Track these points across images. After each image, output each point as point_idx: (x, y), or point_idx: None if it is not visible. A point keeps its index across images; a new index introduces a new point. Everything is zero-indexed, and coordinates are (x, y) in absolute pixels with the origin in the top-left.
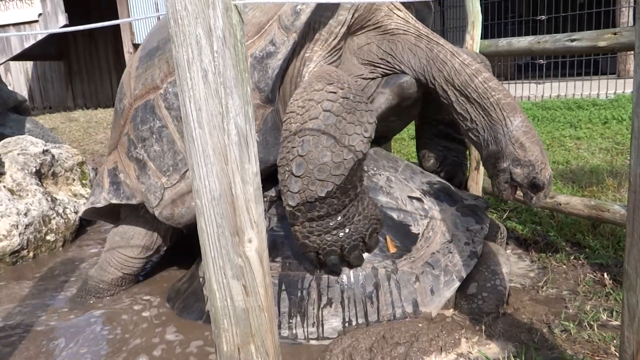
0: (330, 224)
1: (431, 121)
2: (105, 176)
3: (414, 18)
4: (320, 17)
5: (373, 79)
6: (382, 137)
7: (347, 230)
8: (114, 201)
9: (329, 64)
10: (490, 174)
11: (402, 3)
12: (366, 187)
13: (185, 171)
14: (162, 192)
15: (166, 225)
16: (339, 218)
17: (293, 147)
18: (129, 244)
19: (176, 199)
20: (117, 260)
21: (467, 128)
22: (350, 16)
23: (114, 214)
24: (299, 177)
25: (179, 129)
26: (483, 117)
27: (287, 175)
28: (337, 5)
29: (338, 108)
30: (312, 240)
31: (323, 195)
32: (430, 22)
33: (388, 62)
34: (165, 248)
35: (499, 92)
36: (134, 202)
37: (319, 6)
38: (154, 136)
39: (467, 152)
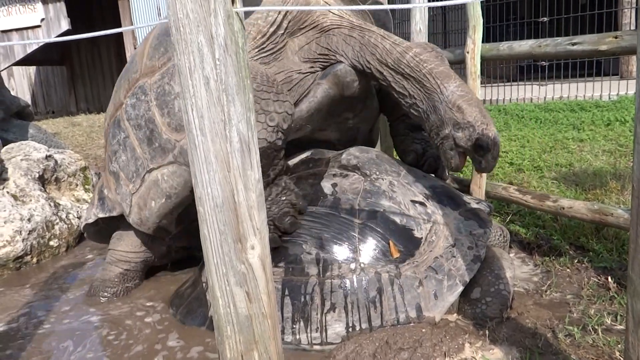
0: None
1: (399, 118)
2: (96, 194)
3: (348, 13)
4: (247, 16)
5: (312, 72)
6: (350, 141)
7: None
8: (100, 215)
9: (259, 60)
10: (436, 146)
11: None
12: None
13: (144, 174)
14: (130, 199)
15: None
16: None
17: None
18: (123, 240)
19: (140, 202)
20: (116, 256)
21: (408, 105)
22: (281, 17)
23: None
24: None
25: (137, 136)
26: (419, 90)
27: None
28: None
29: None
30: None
31: None
32: (390, 26)
33: (325, 55)
34: (163, 249)
35: (431, 63)
36: (114, 213)
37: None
38: (121, 147)
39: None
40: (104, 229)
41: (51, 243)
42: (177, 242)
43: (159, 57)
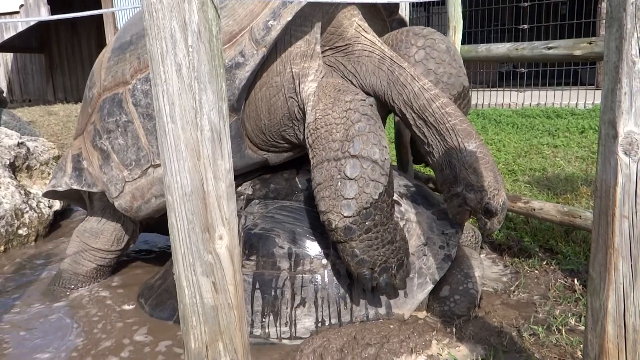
0: (385, 235)
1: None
2: (69, 161)
3: (380, 40)
4: (296, 32)
5: None
6: None
7: (394, 247)
8: (75, 187)
9: (325, 77)
10: (445, 198)
11: (379, 24)
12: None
13: (148, 167)
14: (122, 185)
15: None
16: (389, 228)
17: (343, 152)
18: (100, 238)
19: (136, 193)
20: (90, 254)
21: (425, 151)
22: (319, 35)
23: (76, 197)
24: (354, 179)
25: (144, 125)
26: (439, 142)
27: (339, 184)
28: (309, 20)
29: (371, 112)
30: (370, 255)
31: (377, 197)
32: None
33: (352, 82)
34: (136, 240)
35: (455, 118)
36: (94, 189)
37: (293, 22)
38: (119, 130)
39: None
40: (65, 192)
41: (20, 232)
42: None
43: None
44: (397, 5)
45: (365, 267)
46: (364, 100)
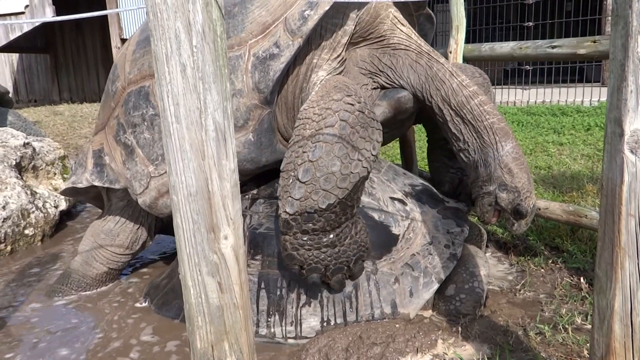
0: (323, 240)
1: (437, 141)
2: (90, 157)
3: (417, 34)
4: (327, 24)
5: (373, 89)
6: None
7: (336, 250)
8: (96, 183)
9: (337, 73)
10: (475, 196)
11: (407, 18)
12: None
13: None
14: (147, 181)
15: (150, 219)
16: (332, 236)
17: (304, 152)
18: (115, 241)
19: (162, 189)
20: (104, 256)
21: (459, 149)
22: (354, 27)
23: (93, 194)
24: (303, 183)
25: None
26: (475, 139)
27: (291, 180)
28: (343, 12)
29: (354, 120)
30: (300, 253)
31: (324, 207)
32: (431, 37)
33: (388, 75)
34: (151, 243)
35: (494, 117)
36: (117, 186)
37: (327, 13)
38: (146, 123)
39: None
40: (83, 190)
41: (26, 232)
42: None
43: None
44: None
45: (293, 263)
46: (353, 105)
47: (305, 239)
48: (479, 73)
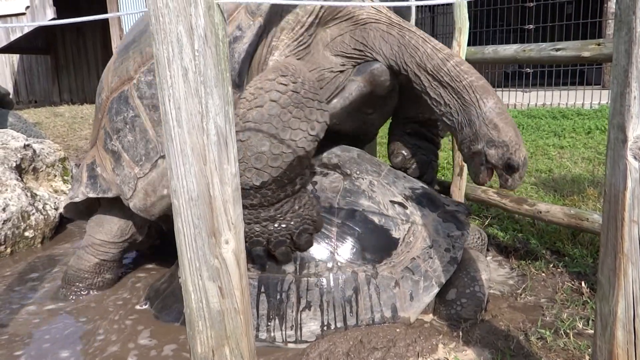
0: (262, 214)
1: (403, 119)
2: (84, 171)
3: (386, 7)
4: (288, 5)
5: (343, 70)
6: (363, 134)
7: (276, 225)
8: (91, 195)
9: (296, 54)
10: (465, 159)
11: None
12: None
13: (157, 159)
14: (135, 183)
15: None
16: (271, 211)
17: (236, 132)
18: (103, 227)
19: (148, 188)
20: (93, 247)
21: (441, 112)
22: (319, 6)
23: (95, 212)
24: (239, 160)
25: (151, 117)
26: (456, 100)
27: None
28: None
29: (285, 100)
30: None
31: (257, 184)
32: (410, 19)
33: (360, 50)
34: (141, 238)
35: (471, 75)
36: (110, 195)
37: None
38: (128, 126)
39: (452, 157)
40: (84, 207)
41: (26, 234)
42: (165, 225)
43: None
44: None
45: None
46: (286, 85)
47: (245, 213)
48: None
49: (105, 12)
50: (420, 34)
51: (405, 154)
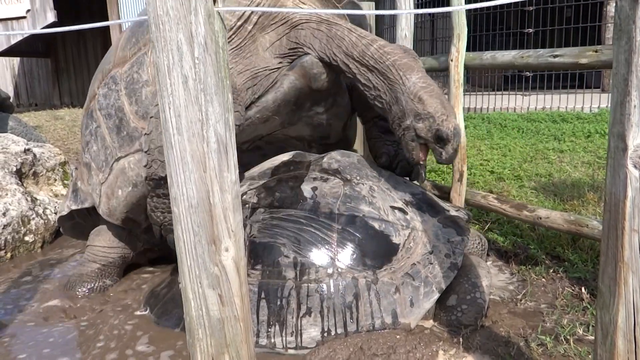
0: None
1: (370, 120)
2: (70, 186)
3: (319, 8)
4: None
5: (280, 68)
6: (324, 137)
7: None
8: (73, 207)
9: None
10: (398, 138)
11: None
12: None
13: (113, 163)
14: (100, 189)
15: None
16: None
17: (145, 126)
18: (102, 235)
19: (108, 191)
20: (93, 252)
21: (373, 97)
22: (249, 12)
23: (92, 229)
24: (146, 152)
25: (107, 125)
26: (383, 81)
27: (142, 145)
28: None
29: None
30: (157, 215)
31: (164, 175)
32: (365, 24)
33: (294, 49)
34: (140, 244)
35: (395, 55)
36: (86, 205)
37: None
38: (93, 137)
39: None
40: (80, 224)
41: (26, 238)
42: (152, 238)
43: (131, 48)
44: None
45: (154, 223)
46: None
47: (159, 202)
48: (404, 49)
49: (106, 14)
50: (347, 26)
51: (388, 152)
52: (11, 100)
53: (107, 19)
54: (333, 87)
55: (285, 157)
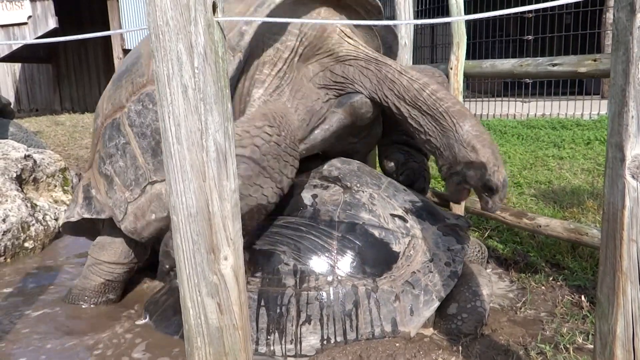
0: None
1: (390, 132)
2: (80, 192)
3: (363, 44)
4: (269, 40)
5: (327, 101)
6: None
7: None
8: (85, 215)
9: (280, 89)
10: (443, 177)
11: (366, 31)
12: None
13: (146, 185)
14: (126, 207)
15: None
16: None
17: None
18: (108, 249)
19: (137, 212)
20: (99, 268)
21: (423, 140)
22: (299, 43)
23: (92, 229)
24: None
25: (140, 145)
26: (435, 127)
27: None
28: (285, 29)
29: (267, 148)
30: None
31: None
32: (396, 48)
33: (342, 84)
34: (146, 257)
35: (448, 101)
36: (103, 216)
37: (265, 29)
38: (119, 152)
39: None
40: (82, 225)
41: (26, 244)
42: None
43: None
44: (380, 9)
45: (167, 262)
46: (270, 135)
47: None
48: (439, 73)
49: (107, 20)
50: (396, 67)
51: (397, 160)
52: (12, 105)
53: (108, 25)
54: (372, 121)
55: None
